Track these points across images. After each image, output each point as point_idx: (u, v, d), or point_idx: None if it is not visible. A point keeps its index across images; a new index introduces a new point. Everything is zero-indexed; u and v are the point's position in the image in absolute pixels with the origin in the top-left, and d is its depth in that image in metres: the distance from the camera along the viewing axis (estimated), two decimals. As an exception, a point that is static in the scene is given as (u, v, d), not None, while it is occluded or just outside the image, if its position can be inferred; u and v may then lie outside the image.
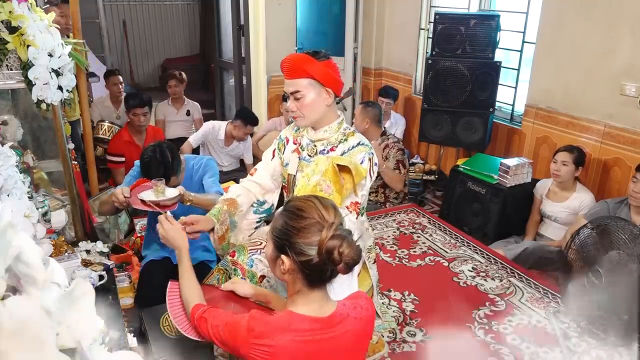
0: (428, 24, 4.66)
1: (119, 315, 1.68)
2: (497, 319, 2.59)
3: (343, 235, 1.18)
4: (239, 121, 3.98)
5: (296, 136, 1.95)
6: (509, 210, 3.42)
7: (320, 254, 1.16)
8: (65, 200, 2.33)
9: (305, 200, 1.25)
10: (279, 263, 1.24)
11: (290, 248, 1.20)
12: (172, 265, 2.50)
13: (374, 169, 1.79)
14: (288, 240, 1.20)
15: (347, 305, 1.28)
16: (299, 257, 1.19)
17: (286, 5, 4.77)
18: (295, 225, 1.20)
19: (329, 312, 1.24)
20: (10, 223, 0.63)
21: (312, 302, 1.24)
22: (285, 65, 1.76)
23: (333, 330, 1.22)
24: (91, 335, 0.66)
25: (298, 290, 1.24)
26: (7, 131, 2.04)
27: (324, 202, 1.25)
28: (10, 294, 0.61)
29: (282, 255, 1.22)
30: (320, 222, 1.19)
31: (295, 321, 1.20)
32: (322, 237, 1.16)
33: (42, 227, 1.56)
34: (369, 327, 1.30)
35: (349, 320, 1.25)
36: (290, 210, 1.24)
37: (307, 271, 1.20)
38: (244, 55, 4.72)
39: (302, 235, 1.19)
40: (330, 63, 1.78)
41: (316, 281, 1.22)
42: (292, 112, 1.81)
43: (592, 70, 3.30)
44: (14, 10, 1.72)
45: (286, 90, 1.80)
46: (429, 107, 4.01)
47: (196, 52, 7.78)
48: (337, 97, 1.85)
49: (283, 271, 1.23)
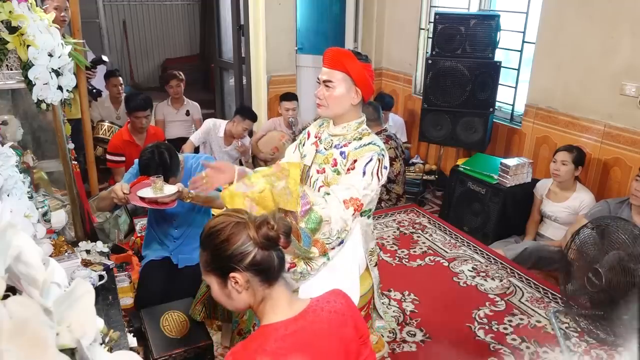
0: (428, 24, 4.66)
1: (119, 315, 1.68)
2: (497, 319, 2.59)
3: (263, 217, 1.19)
4: (237, 116, 3.99)
5: (319, 131, 2.01)
6: (509, 210, 3.42)
7: (259, 243, 1.17)
8: (65, 200, 2.33)
9: (213, 219, 1.26)
10: (231, 286, 1.20)
11: (231, 261, 1.17)
12: (172, 265, 2.50)
13: (383, 171, 1.81)
14: (223, 256, 1.18)
15: (320, 301, 1.27)
16: (243, 261, 1.17)
17: (286, 5, 4.77)
18: (220, 240, 1.18)
19: (302, 308, 1.23)
20: (10, 223, 0.63)
21: (280, 304, 1.22)
22: (327, 54, 1.84)
23: (311, 324, 1.20)
24: (91, 335, 0.66)
25: (262, 300, 1.22)
26: (7, 131, 2.03)
27: (230, 209, 1.28)
28: (10, 294, 0.61)
29: (230, 273, 1.18)
30: (238, 222, 1.19)
31: (271, 331, 1.18)
32: (250, 231, 1.17)
33: (42, 227, 1.56)
34: (347, 319, 1.27)
35: (324, 313, 1.23)
36: (208, 235, 1.22)
37: (258, 270, 1.18)
38: (244, 55, 4.72)
39: (231, 242, 1.17)
40: (369, 67, 1.85)
41: (271, 275, 1.21)
42: (319, 99, 1.86)
43: (592, 70, 3.30)
44: (14, 10, 1.72)
45: (320, 77, 1.86)
46: (429, 107, 4.01)
47: (196, 52, 7.78)
48: (363, 100, 1.88)
49: (239, 290, 1.20)
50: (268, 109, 4.80)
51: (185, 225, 2.52)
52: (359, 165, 1.77)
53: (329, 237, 1.71)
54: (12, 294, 0.62)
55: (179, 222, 2.50)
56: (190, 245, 2.54)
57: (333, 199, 1.71)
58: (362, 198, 1.74)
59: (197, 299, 2.13)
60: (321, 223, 1.68)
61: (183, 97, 4.54)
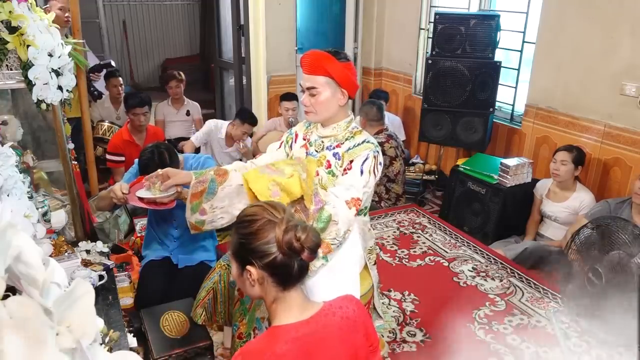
0: (428, 24, 4.66)
1: (119, 315, 1.68)
2: (497, 319, 2.59)
3: (296, 224, 1.18)
4: (237, 120, 4.00)
5: (306, 132, 1.98)
6: (509, 210, 3.42)
7: (281, 248, 1.15)
8: (65, 200, 2.33)
9: (251, 206, 1.26)
10: (246, 277, 1.21)
11: (252, 255, 1.18)
12: (172, 265, 2.50)
13: (379, 167, 1.80)
14: (247, 248, 1.19)
15: (333, 305, 1.26)
16: (262, 260, 1.17)
17: (286, 5, 4.77)
18: (249, 232, 1.19)
19: (313, 312, 1.22)
20: (10, 223, 0.63)
21: (293, 307, 1.21)
22: (305, 60, 1.79)
23: (321, 329, 1.19)
24: (91, 335, 0.66)
25: (274, 299, 1.21)
26: (7, 131, 2.03)
27: (270, 202, 1.26)
28: (10, 294, 0.61)
29: (247, 266, 1.20)
30: (271, 220, 1.18)
31: (281, 333, 1.17)
32: (277, 232, 1.16)
33: (42, 227, 1.56)
34: (358, 325, 1.26)
35: (335, 319, 1.22)
36: (240, 221, 1.23)
37: (275, 272, 1.18)
38: (244, 55, 4.72)
39: (258, 237, 1.17)
40: (349, 65, 1.82)
41: (287, 281, 1.20)
42: (306, 106, 1.83)
43: (592, 70, 3.30)
44: (14, 10, 1.72)
45: (302, 85, 1.83)
46: (429, 107, 4.01)
47: (196, 52, 7.78)
48: (350, 99, 1.87)
49: (252, 283, 1.21)
50: (268, 109, 4.80)
51: (185, 225, 2.51)
52: (356, 164, 1.77)
53: (335, 238, 1.68)
54: (12, 294, 0.62)
55: (179, 222, 2.50)
56: (191, 246, 2.54)
57: (337, 200, 1.71)
58: (363, 197, 1.74)
59: (197, 302, 2.13)
60: (330, 223, 1.66)
61: (183, 97, 4.54)
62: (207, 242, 2.61)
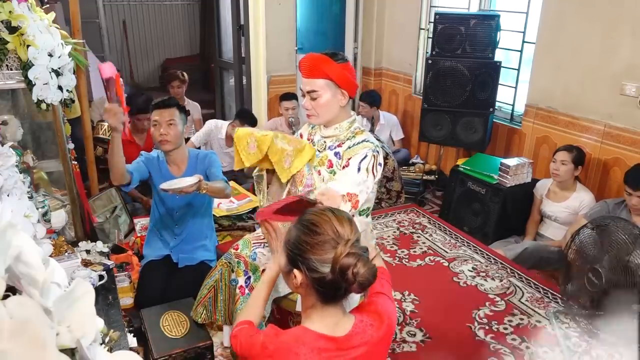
0: (428, 24, 4.66)
1: (119, 315, 1.68)
2: (497, 319, 2.59)
3: (359, 254, 1.12)
4: (237, 120, 4.00)
5: (311, 133, 2.02)
6: (509, 210, 3.42)
7: (334, 272, 1.11)
8: (65, 200, 2.33)
9: (320, 214, 1.20)
10: (291, 277, 1.20)
11: (303, 263, 1.15)
12: (172, 265, 2.51)
13: (378, 167, 1.81)
14: (301, 255, 1.16)
15: (365, 322, 1.22)
16: (311, 273, 1.14)
17: (286, 5, 4.77)
18: (308, 241, 1.15)
19: (345, 331, 1.19)
20: (10, 223, 0.63)
21: (327, 318, 1.19)
22: (304, 64, 1.80)
23: (347, 352, 1.17)
24: (91, 335, 0.66)
25: (312, 305, 1.20)
26: (7, 131, 2.03)
27: (339, 215, 1.19)
28: (10, 294, 0.61)
29: (294, 269, 1.18)
30: (334, 239, 1.14)
31: (309, 338, 1.16)
32: (336, 254, 1.11)
33: (42, 227, 1.56)
34: (384, 345, 1.25)
35: (365, 340, 1.20)
36: (305, 225, 1.18)
37: (320, 288, 1.16)
38: (244, 55, 4.72)
39: (315, 251, 1.14)
40: (347, 66, 1.84)
41: (330, 298, 1.18)
42: (307, 110, 1.85)
43: (592, 70, 3.29)
44: (14, 10, 1.72)
45: (302, 89, 1.85)
46: (429, 107, 4.01)
47: (196, 52, 7.77)
48: (351, 98, 1.88)
49: (295, 285, 1.20)
50: (268, 109, 4.80)
51: (186, 218, 2.52)
52: (354, 162, 1.78)
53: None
54: (12, 294, 0.62)
55: (180, 215, 2.51)
56: (191, 244, 2.54)
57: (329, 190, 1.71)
58: (359, 194, 1.73)
59: (197, 301, 2.13)
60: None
61: (184, 97, 4.54)
62: (208, 241, 2.62)
